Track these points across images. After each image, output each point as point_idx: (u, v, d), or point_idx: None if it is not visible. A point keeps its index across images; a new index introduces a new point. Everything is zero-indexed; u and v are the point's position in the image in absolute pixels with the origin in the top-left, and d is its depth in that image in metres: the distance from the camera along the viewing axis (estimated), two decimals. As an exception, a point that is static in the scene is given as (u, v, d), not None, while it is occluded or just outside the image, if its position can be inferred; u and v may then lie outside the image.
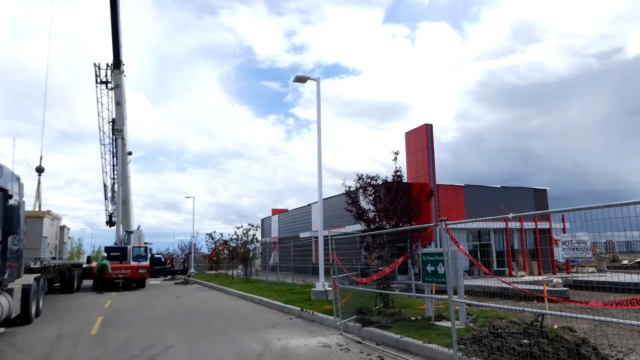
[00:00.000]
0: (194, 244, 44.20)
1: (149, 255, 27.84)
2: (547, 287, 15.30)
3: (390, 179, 13.27)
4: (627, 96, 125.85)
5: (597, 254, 24.17)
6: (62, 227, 22.58)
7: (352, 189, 13.81)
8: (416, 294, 14.57)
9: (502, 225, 27.33)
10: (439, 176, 26.99)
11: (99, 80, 28.07)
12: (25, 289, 11.82)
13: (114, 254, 25.75)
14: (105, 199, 30.64)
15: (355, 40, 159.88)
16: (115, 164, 28.94)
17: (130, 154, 29.83)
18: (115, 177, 28.81)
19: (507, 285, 7.31)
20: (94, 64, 27.89)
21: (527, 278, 23.94)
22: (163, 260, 40.66)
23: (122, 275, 24.00)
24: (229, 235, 29.95)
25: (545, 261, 26.52)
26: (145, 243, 28.90)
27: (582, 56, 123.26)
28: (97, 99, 28.09)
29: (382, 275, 10.05)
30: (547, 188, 31.23)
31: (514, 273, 26.63)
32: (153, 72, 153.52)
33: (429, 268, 7.72)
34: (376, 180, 13.50)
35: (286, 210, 45.26)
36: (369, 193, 13.44)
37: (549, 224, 27.84)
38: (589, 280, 16.73)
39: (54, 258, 19.29)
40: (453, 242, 6.70)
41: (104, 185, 30.38)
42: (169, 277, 35.91)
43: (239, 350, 8.47)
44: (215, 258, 35.44)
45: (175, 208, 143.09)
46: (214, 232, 33.90)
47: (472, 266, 20.84)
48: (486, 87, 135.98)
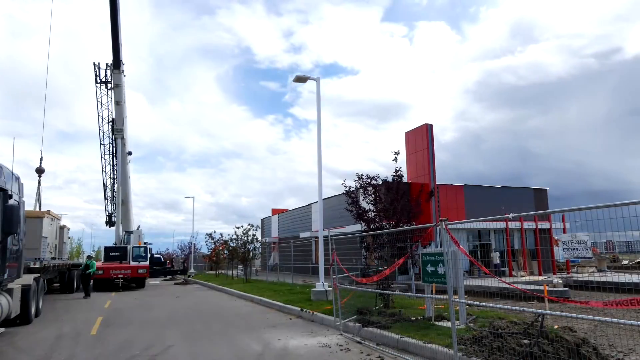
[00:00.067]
0: (194, 244, 44.25)
1: (149, 256, 27.90)
2: (547, 287, 15.29)
3: (390, 179, 13.25)
4: (626, 96, 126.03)
5: (597, 254, 24.18)
6: (62, 227, 22.56)
7: (352, 189, 13.78)
8: (416, 294, 14.57)
9: (502, 225, 27.35)
10: (438, 176, 27.04)
11: (98, 80, 28.04)
12: (25, 289, 11.81)
13: (114, 254, 25.80)
14: (105, 199, 30.63)
15: (353, 40, 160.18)
16: (115, 163, 28.90)
17: (130, 153, 29.78)
18: (115, 177, 28.77)
19: (507, 286, 7.30)
20: (94, 64, 27.89)
21: (528, 278, 23.93)
22: (163, 261, 40.79)
23: (121, 275, 24.05)
24: (228, 235, 30.00)
25: (546, 261, 26.48)
26: (145, 243, 28.92)
27: (581, 56, 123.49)
28: (97, 98, 28.09)
29: (382, 276, 10.05)
30: (547, 188, 31.30)
31: (514, 273, 26.64)
32: (151, 72, 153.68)
33: (429, 268, 7.71)
34: (376, 180, 13.48)
35: (286, 210, 45.20)
36: (369, 193, 13.41)
37: (549, 224, 27.85)
38: (589, 281, 16.71)
39: (53, 258, 19.29)
40: (453, 242, 6.69)
41: (104, 185, 30.36)
42: (168, 277, 35.97)
43: (239, 350, 8.46)
44: (215, 258, 35.45)
45: (174, 208, 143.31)
46: (214, 232, 33.84)
47: (472, 266, 20.83)
48: (485, 87, 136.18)
